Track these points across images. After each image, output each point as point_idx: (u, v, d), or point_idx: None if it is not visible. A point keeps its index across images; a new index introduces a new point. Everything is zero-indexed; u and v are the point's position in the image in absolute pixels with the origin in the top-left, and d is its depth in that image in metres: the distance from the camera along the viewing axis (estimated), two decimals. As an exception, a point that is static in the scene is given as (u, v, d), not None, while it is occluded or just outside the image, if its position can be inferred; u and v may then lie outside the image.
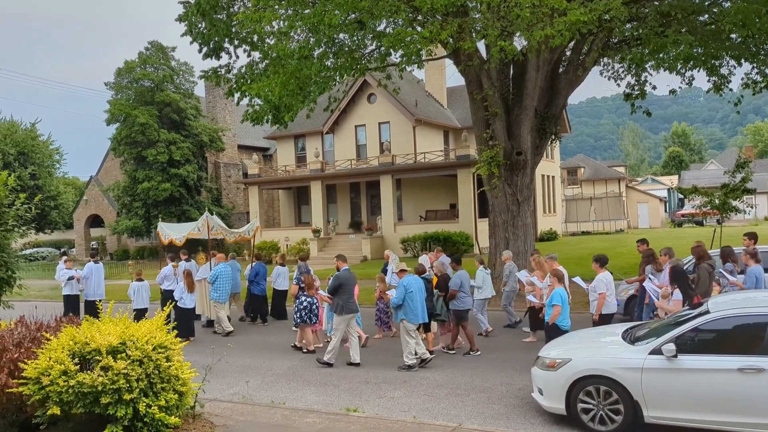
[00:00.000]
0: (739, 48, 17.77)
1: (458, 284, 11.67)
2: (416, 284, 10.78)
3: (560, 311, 9.63)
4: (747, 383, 6.59)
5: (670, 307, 9.44)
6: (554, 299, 9.74)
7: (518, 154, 17.96)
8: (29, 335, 7.31)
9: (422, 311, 10.77)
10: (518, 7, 12.99)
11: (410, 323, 10.61)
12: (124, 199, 40.41)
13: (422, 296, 10.84)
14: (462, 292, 11.67)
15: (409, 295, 10.57)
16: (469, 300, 11.95)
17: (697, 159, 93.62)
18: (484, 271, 13.47)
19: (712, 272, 10.37)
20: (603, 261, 10.59)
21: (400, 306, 10.63)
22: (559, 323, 9.69)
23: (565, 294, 9.95)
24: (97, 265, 16.71)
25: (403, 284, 10.72)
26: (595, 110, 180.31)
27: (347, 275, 11.34)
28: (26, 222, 11.31)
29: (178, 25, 17.54)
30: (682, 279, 9.30)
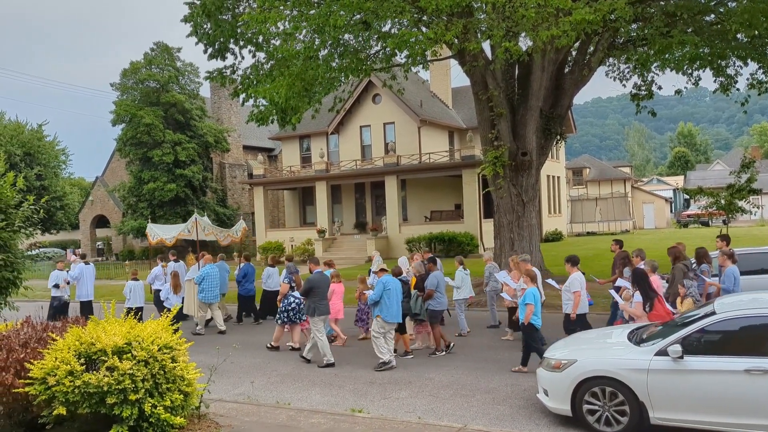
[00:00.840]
0: (746, 48, 17.71)
1: (435, 284, 11.84)
2: (394, 284, 10.95)
3: (533, 310, 9.90)
4: (754, 384, 6.55)
5: (632, 309, 9.58)
6: (527, 298, 10.03)
7: (523, 155, 17.93)
8: (35, 336, 7.33)
9: (398, 311, 10.94)
10: (523, 7, 12.97)
11: (385, 321, 10.77)
12: (129, 200, 40.54)
13: (399, 297, 10.99)
14: (438, 292, 11.83)
15: (386, 293, 10.73)
16: (445, 300, 12.06)
17: (703, 159, 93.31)
18: (463, 271, 13.66)
19: (687, 272, 10.63)
20: (574, 261, 10.87)
21: (377, 303, 10.80)
22: (532, 321, 9.98)
23: (537, 293, 10.25)
24: (87, 266, 16.91)
25: (382, 282, 10.89)
26: (601, 110, 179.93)
27: (319, 278, 11.53)
28: (33, 223, 11.34)
29: (184, 25, 17.60)
30: (642, 281, 9.42)
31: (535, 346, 10.01)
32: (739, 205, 19.75)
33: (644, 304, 9.33)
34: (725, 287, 10.36)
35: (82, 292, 16.50)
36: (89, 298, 16.54)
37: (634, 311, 9.52)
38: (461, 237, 29.09)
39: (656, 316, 9.07)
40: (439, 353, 11.71)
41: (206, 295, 14.88)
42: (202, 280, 14.84)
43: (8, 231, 10.38)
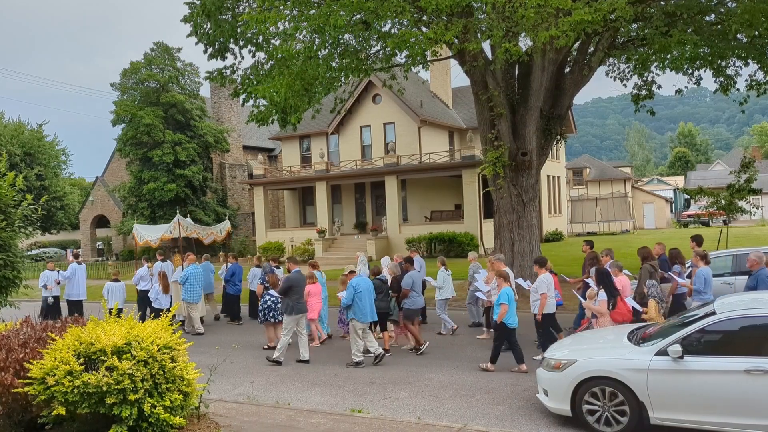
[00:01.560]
0: (746, 48, 17.69)
1: (410, 284, 11.99)
2: (365, 285, 11.14)
3: (507, 309, 10.06)
4: (754, 385, 6.55)
5: (596, 307, 9.74)
6: (501, 298, 10.20)
7: (523, 155, 17.91)
8: (35, 335, 7.33)
9: (371, 311, 11.13)
10: (523, 7, 12.96)
11: (359, 322, 10.99)
12: (129, 200, 40.55)
13: (371, 296, 11.19)
14: (413, 292, 11.98)
15: (358, 295, 10.94)
16: (420, 300, 12.25)
17: (704, 159, 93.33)
18: (445, 272, 13.81)
19: (654, 273, 11.00)
20: (542, 262, 11.21)
21: (350, 306, 11.03)
22: (506, 321, 10.13)
23: (511, 293, 10.35)
24: (80, 266, 17.03)
25: (352, 285, 11.09)
26: (601, 110, 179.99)
27: (297, 277, 11.72)
28: (32, 223, 11.35)
29: (184, 25, 17.60)
30: (606, 280, 9.60)
31: (509, 346, 10.24)
32: (739, 205, 19.76)
33: (608, 302, 9.51)
34: (696, 288, 10.54)
35: (72, 291, 16.61)
36: (80, 297, 16.68)
37: (597, 309, 9.68)
38: (461, 237, 29.09)
39: (618, 314, 9.36)
40: (418, 352, 11.89)
41: (190, 295, 14.98)
42: (185, 280, 14.95)
43: (8, 231, 10.38)
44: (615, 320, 9.51)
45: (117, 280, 15.48)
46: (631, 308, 9.59)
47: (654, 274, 11.11)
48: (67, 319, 8.28)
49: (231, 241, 43.04)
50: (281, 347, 11.49)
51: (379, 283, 11.87)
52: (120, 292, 15.28)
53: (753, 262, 10.04)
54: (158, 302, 14.41)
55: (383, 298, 11.80)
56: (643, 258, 11.45)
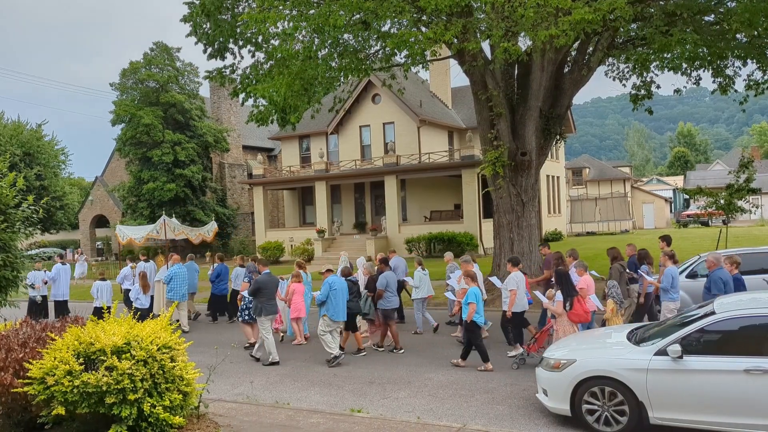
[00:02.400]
0: (745, 48, 17.69)
1: (384, 284, 12.25)
2: (340, 284, 11.44)
3: (475, 308, 10.35)
4: (753, 384, 6.56)
5: (553, 307, 9.89)
6: (469, 298, 10.46)
7: (523, 155, 17.91)
8: (34, 335, 7.33)
9: (343, 310, 11.42)
10: (522, 6, 12.96)
11: (331, 319, 11.26)
12: (129, 200, 40.53)
13: (344, 296, 11.45)
14: (388, 292, 12.24)
15: (332, 292, 11.26)
16: (395, 299, 12.48)
17: (703, 159, 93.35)
18: (421, 272, 14.07)
19: (623, 273, 11.49)
20: (515, 261, 11.51)
21: (324, 303, 11.31)
22: (475, 319, 10.41)
23: (479, 292, 10.69)
24: (64, 267, 17.23)
25: (328, 282, 11.36)
26: (600, 110, 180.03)
27: (267, 279, 11.91)
28: (33, 223, 11.36)
29: (183, 25, 17.59)
30: (564, 281, 9.82)
31: (477, 343, 10.52)
32: (738, 204, 19.76)
33: (564, 302, 9.72)
34: (663, 286, 10.81)
35: (58, 291, 16.78)
36: (65, 297, 16.81)
37: (555, 309, 9.88)
38: (461, 237, 29.08)
39: (575, 314, 9.60)
40: (397, 351, 12.13)
41: (175, 294, 15.11)
42: (170, 279, 15.12)
43: (8, 232, 10.37)
44: (572, 320, 9.74)
45: (104, 279, 15.74)
46: (588, 309, 9.81)
47: (623, 274, 11.53)
48: (68, 318, 8.27)
49: (229, 242, 43.08)
50: (270, 347, 11.60)
51: (349, 284, 12.08)
52: (108, 290, 15.55)
53: (710, 263, 10.18)
54: (139, 302, 14.60)
55: (352, 299, 12.03)
56: (612, 258, 11.84)
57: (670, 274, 10.76)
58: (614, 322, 10.26)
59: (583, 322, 9.80)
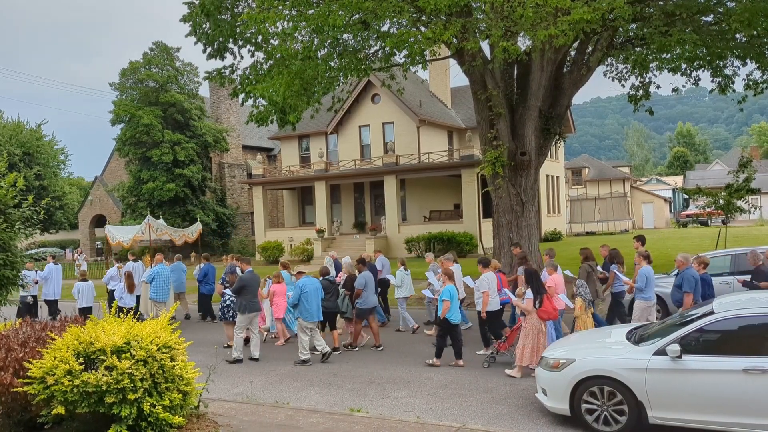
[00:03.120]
0: (744, 48, 17.70)
1: (362, 284, 12.36)
2: (311, 285, 11.45)
3: (449, 306, 10.54)
4: (752, 384, 6.57)
5: (523, 305, 10.06)
6: (444, 295, 10.69)
7: (522, 155, 17.92)
8: (34, 335, 7.33)
9: (317, 311, 11.45)
10: (521, 6, 12.97)
11: (305, 321, 11.34)
12: (128, 200, 40.53)
13: (317, 296, 11.50)
14: (365, 292, 12.34)
15: (304, 295, 11.28)
16: (372, 299, 12.61)
17: (702, 159, 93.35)
18: (404, 271, 14.30)
19: (591, 272, 11.88)
20: (485, 262, 11.66)
21: (296, 305, 11.39)
22: (449, 317, 10.62)
23: (454, 290, 10.81)
24: (56, 266, 17.33)
25: (299, 285, 11.41)
26: (600, 110, 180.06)
27: (250, 277, 12.09)
28: (33, 224, 11.37)
29: (183, 25, 17.59)
30: (533, 279, 10.07)
31: (439, 342, 10.78)
32: (737, 204, 19.78)
33: (534, 300, 9.91)
34: (638, 286, 11.01)
35: (49, 291, 16.98)
36: (56, 297, 16.96)
37: (525, 307, 10.03)
38: (460, 237, 29.10)
39: (544, 312, 9.83)
40: (377, 348, 12.35)
41: (157, 293, 15.19)
42: (152, 279, 15.20)
43: (8, 232, 10.37)
44: (541, 318, 9.92)
45: (85, 279, 15.90)
46: (556, 307, 10.04)
47: (591, 273, 11.90)
48: (67, 318, 8.27)
49: (228, 241, 43.08)
50: (238, 344, 11.79)
51: (327, 283, 12.25)
52: (89, 291, 15.67)
53: (680, 262, 10.37)
54: (123, 301, 14.76)
55: (330, 298, 12.19)
56: (584, 258, 12.15)
57: (644, 274, 10.97)
58: (583, 319, 10.52)
59: (551, 319, 10.09)
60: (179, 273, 16.85)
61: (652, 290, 10.93)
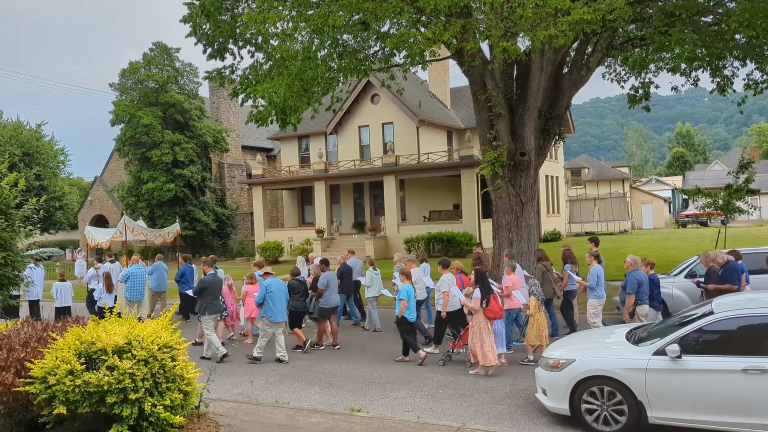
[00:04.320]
0: (744, 48, 17.73)
1: (325, 284, 12.78)
2: (277, 286, 11.74)
3: (406, 305, 11.03)
4: (751, 384, 6.59)
5: (471, 304, 10.41)
6: (401, 295, 11.18)
7: (522, 155, 17.93)
8: (36, 335, 7.34)
9: (281, 311, 11.77)
10: (521, 7, 12.99)
11: (269, 320, 11.65)
12: (128, 200, 40.53)
13: (282, 297, 11.80)
14: (327, 291, 12.76)
15: (269, 295, 11.60)
16: (334, 298, 12.99)
17: (702, 159, 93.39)
18: (373, 271, 14.65)
19: (546, 272, 12.50)
20: (445, 263, 11.96)
21: (261, 304, 11.71)
22: (406, 315, 11.09)
23: (411, 290, 11.32)
24: (38, 268, 17.58)
25: (264, 285, 11.77)
26: (599, 110, 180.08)
27: (211, 279, 12.37)
28: (33, 223, 11.40)
29: (183, 26, 17.60)
30: (482, 280, 10.45)
31: (408, 339, 11.19)
32: (737, 205, 19.78)
33: (481, 300, 10.26)
34: (589, 285, 11.61)
35: (31, 291, 17.02)
36: (38, 297, 17.15)
37: (472, 306, 10.36)
38: (460, 237, 29.11)
39: (490, 311, 10.23)
40: (319, 347, 12.75)
41: (131, 293, 15.29)
42: (126, 279, 15.34)
43: (8, 231, 10.38)
44: (487, 317, 10.26)
45: (63, 279, 16.10)
46: (501, 306, 10.50)
47: (547, 273, 12.51)
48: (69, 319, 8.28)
49: (228, 242, 43.10)
50: (213, 343, 11.97)
51: (296, 283, 12.54)
52: (68, 291, 15.89)
53: (628, 264, 10.80)
54: (101, 301, 15.00)
55: (299, 298, 12.49)
56: (538, 259, 12.86)
57: (595, 273, 11.53)
58: (537, 317, 10.82)
59: (497, 318, 10.50)
60: (160, 273, 16.93)
61: (602, 288, 11.52)
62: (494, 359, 10.02)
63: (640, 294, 10.36)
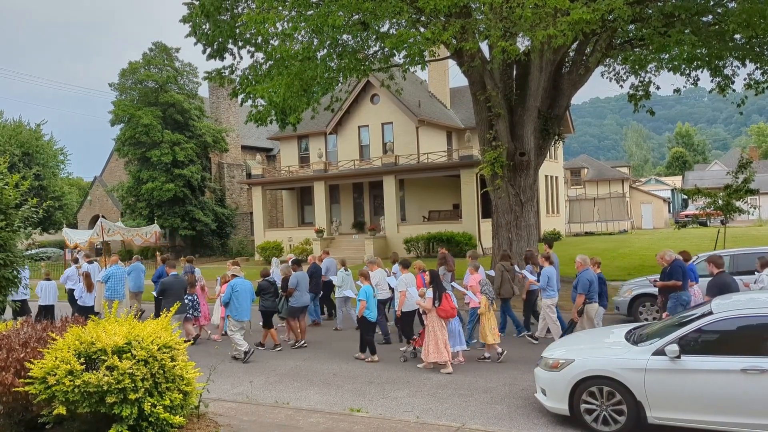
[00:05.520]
0: (743, 49, 17.74)
1: (294, 284, 13.09)
2: (242, 285, 12.14)
3: (366, 305, 11.43)
4: (750, 384, 6.59)
5: (423, 303, 10.70)
6: (360, 295, 11.55)
7: (521, 155, 17.96)
8: (35, 335, 7.33)
9: (246, 310, 12.12)
10: (521, 7, 13.00)
11: (234, 319, 12.02)
12: (128, 200, 40.54)
13: (247, 297, 12.18)
14: (297, 291, 13.07)
15: (235, 294, 12.00)
16: (304, 297, 13.30)
17: (701, 159, 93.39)
18: (344, 272, 14.91)
19: (505, 272, 12.93)
20: (405, 264, 12.31)
21: (228, 303, 12.06)
22: (366, 315, 11.44)
23: (370, 290, 11.71)
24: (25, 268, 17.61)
25: (230, 285, 12.14)
26: (599, 110, 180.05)
27: (172, 281, 12.91)
28: (32, 224, 11.42)
29: (183, 26, 17.61)
30: (435, 280, 10.74)
31: (367, 338, 11.49)
32: (736, 205, 19.80)
33: (433, 300, 10.53)
34: (540, 286, 12.15)
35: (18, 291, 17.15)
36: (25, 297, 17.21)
37: (425, 305, 10.62)
38: (459, 237, 29.12)
39: (442, 310, 10.49)
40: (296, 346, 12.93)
41: (111, 293, 15.41)
42: (107, 278, 15.50)
43: (7, 231, 10.39)
44: (440, 316, 10.51)
45: (48, 279, 16.24)
46: (453, 306, 10.70)
47: (505, 273, 12.94)
48: (69, 318, 8.28)
49: (228, 241, 43.10)
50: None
51: (266, 284, 12.81)
52: (53, 290, 16.01)
53: (578, 264, 11.18)
54: (82, 300, 15.19)
55: (269, 298, 12.76)
56: (500, 259, 13.27)
57: (546, 274, 12.02)
58: (487, 316, 11.10)
59: (450, 317, 10.67)
60: (137, 273, 17.07)
61: (554, 289, 12.01)
62: (447, 356, 10.38)
63: (591, 293, 10.74)
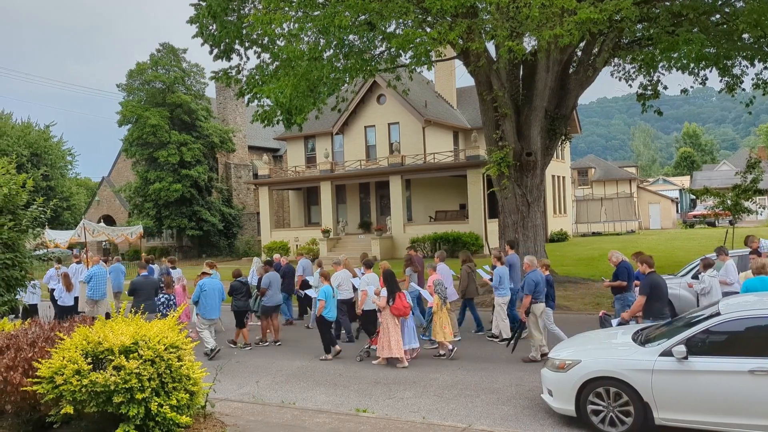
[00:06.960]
0: (752, 48, 17.64)
1: (267, 283, 13.41)
2: (211, 285, 12.51)
3: (324, 305, 11.76)
4: (758, 385, 6.55)
5: (378, 302, 11.14)
6: (320, 295, 11.90)
7: (528, 155, 17.92)
8: (43, 335, 7.37)
9: (215, 308, 12.54)
10: (527, 7, 12.97)
11: (203, 317, 12.42)
12: (135, 200, 40.71)
13: (216, 296, 12.57)
14: (270, 291, 13.37)
15: (203, 293, 12.38)
16: (277, 297, 13.64)
17: (709, 159, 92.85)
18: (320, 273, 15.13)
19: (470, 273, 13.32)
20: (368, 264, 12.56)
21: (197, 303, 12.43)
22: (325, 314, 11.80)
23: (330, 290, 12.04)
24: None
25: (199, 285, 12.50)
26: (606, 110, 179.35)
27: (142, 281, 13.09)
28: (41, 224, 11.48)
29: (190, 26, 17.67)
30: (389, 280, 11.15)
31: (325, 337, 11.87)
32: (745, 205, 19.69)
33: (388, 298, 10.95)
34: (493, 285, 12.70)
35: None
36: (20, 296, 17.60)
37: (380, 304, 11.08)
38: (466, 237, 29.09)
39: (396, 308, 10.89)
40: (263, 344, 13.38)
41: (94, 292, 15.48)
42: (90, 279, 15.57)
43: (16, 231, 10.45)
44: (393, 314, 10.92)
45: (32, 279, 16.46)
46: (407, 304, 11.09)
47: (471, 274, 13.33)
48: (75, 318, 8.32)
49: (235, 242, 43.19)
50: None
51: (238, 284, 13.16)
52: (37, 289, 16.30)
53: (526, 265, 11.41)
54: (62, 300, 15.51)
55: (241, 298, 13.13)
56: (462, 261, 13.66)
57: (498, 273, 12.53)
58: (440, 315, 11.38)
59: (403, 315, 11.04)
60: (117, 274, 17.17)
61: (506, 288, 12.51)
62: (399, 352, 10.80)
63: (537, 293, 10.92)
